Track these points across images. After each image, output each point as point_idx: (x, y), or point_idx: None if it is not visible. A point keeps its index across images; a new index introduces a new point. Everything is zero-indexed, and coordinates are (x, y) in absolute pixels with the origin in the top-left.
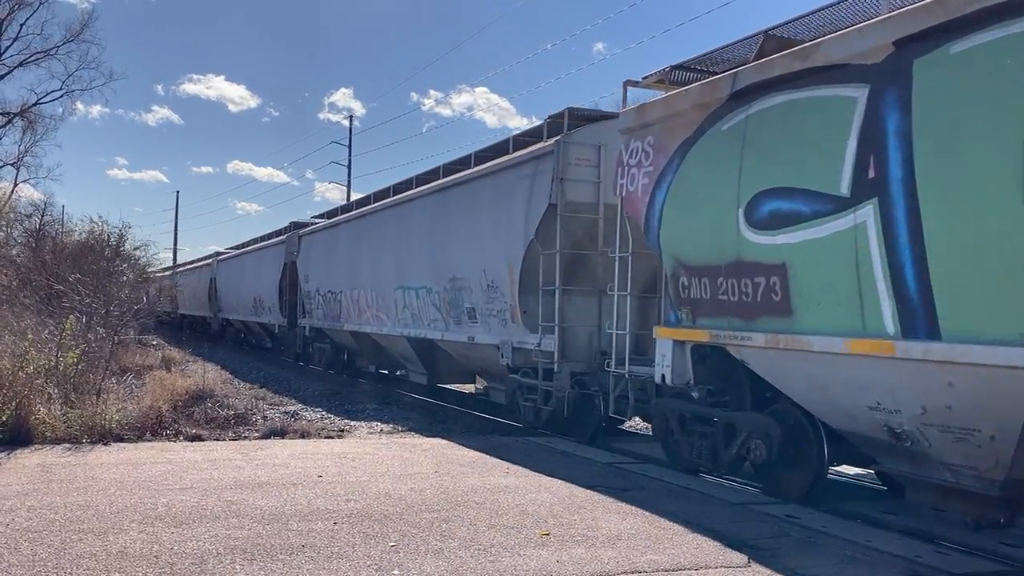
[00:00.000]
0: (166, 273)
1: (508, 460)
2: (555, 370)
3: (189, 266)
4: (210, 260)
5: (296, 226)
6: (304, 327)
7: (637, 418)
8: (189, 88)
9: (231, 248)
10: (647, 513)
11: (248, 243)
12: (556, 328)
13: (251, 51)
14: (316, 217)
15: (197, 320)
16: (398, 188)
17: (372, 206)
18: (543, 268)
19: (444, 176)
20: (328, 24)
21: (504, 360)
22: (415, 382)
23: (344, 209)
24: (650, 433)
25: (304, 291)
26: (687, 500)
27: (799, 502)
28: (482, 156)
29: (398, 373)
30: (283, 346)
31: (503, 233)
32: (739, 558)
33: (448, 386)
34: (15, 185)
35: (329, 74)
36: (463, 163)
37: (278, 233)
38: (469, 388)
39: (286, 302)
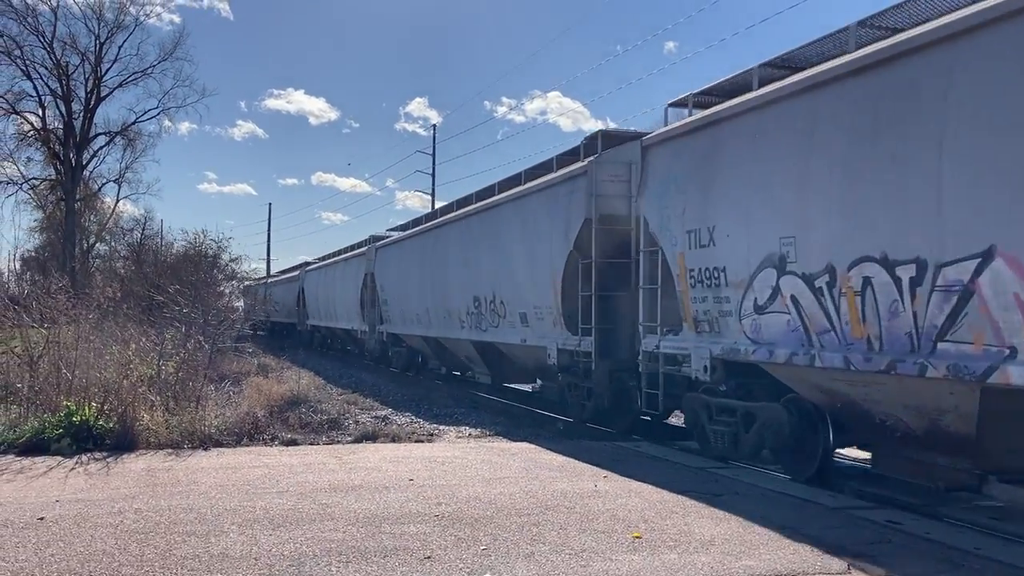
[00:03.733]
0: (290, 275)
1: (597, 465)
2: None
3: (321, 263)
4: (363, 249)
5: (606, 140)
6: (696, 359)
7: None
8: (271, 103)
9: (394, 230)
10: (741, 518)
11: (440, 211)
12: None
13: (328, 65)
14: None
15: (336, 334)
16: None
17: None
18: None
19: None
20: (400, 36)
21: None
22: None
23: (796, 62)
24: None
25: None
26: (782, 505)
27: None
28: None
29: None
30: (594, 399)
31: None
32: (838, 564)
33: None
34: (117, 201)
35: (404, 85)
36: None
37: (544, 168)
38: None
39: (587, 302)
